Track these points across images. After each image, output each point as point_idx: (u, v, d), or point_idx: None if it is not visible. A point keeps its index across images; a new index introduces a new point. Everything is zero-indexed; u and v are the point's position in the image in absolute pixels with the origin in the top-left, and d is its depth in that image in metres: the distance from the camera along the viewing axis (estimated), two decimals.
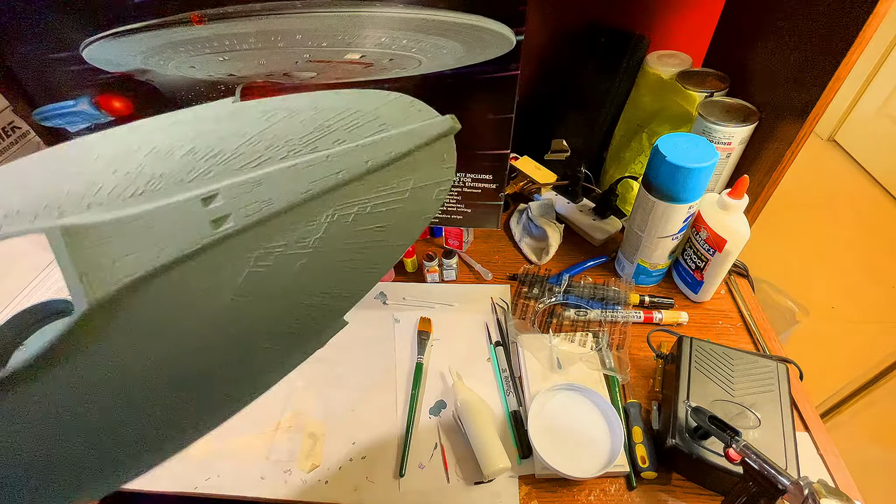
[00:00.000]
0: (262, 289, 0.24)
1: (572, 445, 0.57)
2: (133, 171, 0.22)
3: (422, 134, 0.25)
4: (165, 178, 0.22)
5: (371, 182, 0.25)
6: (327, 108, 0.25)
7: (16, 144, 0.69)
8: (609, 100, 0.84)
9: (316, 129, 0.24)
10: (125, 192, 0.21)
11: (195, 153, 0.22)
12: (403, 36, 0.51)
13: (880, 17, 0.50)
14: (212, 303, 0.23)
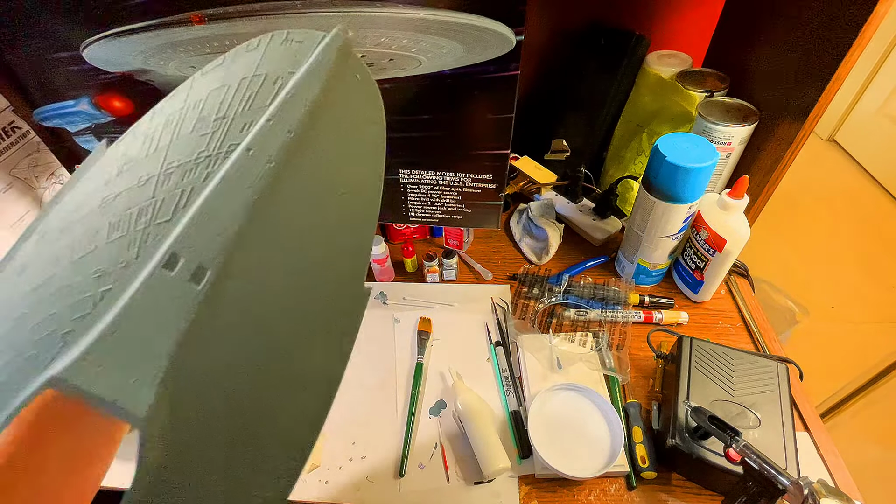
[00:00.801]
0: (273, 308, 0.21)
1: (572, 445, 0.57)
2: (71, 283, 0.19)
3: (322, 64, 0.21)
4: (110, 271, 0.18)
5: (306, 147, 0.21)
6: (206, 96, 0.21)
7: (16, 144, 0.69)
8: (609, 100, 0.84)
9: (212, 126, 0.21)
10: (83, 310, 0.18)
11: (119, 227, 0.19)
12: (403, 36, 0.51)
13: (880, 17, 0.50)
14: (239, 342, 0.20)
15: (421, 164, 0.65)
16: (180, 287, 0.18)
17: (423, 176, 0.66)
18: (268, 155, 0.20)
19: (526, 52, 0.51)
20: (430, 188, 0.67)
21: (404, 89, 0.56)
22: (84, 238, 0.19)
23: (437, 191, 0.68)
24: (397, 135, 0.62)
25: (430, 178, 0.66)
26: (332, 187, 0.23)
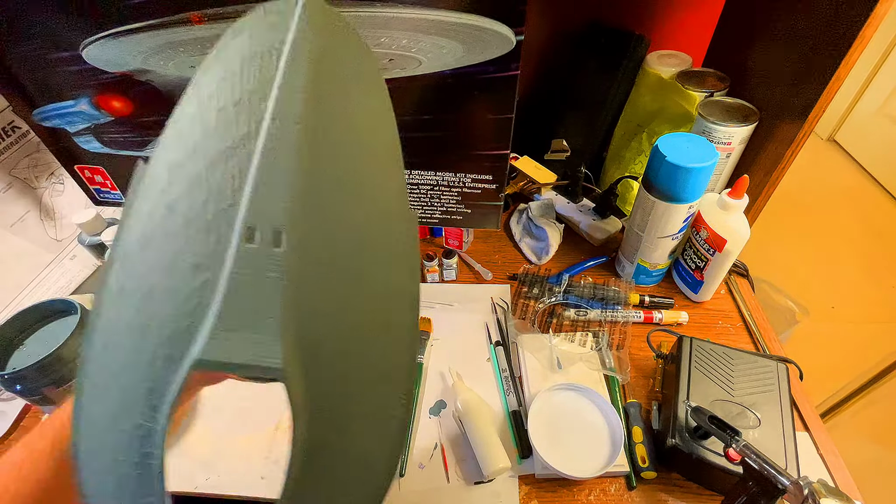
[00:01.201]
0: (348, 244, 0.23)
1: (572, 445, 0.57)
2: (173, 285, 0.21)
3: (305, 23, 0.23)
4: (201, 262, 0.21)
5: (321, 99, 0.23)
6: (215, 89, 0.23)
7: (16, 144, 0.69)
8: (609, 100, 0.84)
9: (233, 112, 0.22)
10: (193, 301, 0.20)
11: (193, 224, 0.21)
12: (403, 36, 0.51)
13: (880, 17, 0.50)
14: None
15: (421, 164, 0.65)
16: (265, 253, 0.20)
17: (423, 176, 0.66)
18: (293, 117, 0.22)
19: (526, 52, 0.51)
20: (430, 188, 0.67)
21: (404, 89, 0.56)
22: (166, 243, 0.21)
23: (437, 191, 0.68)
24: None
25: (430, 179, 0.66)
26: (356, 128, 0.25)
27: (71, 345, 0.52)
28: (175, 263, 0.21)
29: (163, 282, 0.21)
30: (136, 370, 0.21)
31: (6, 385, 0.51)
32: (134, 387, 0.20)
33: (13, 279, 0.71)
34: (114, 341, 0.21)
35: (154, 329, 0.21)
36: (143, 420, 0.20)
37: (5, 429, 0.64)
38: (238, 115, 0.22)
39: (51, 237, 0.75)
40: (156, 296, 0.21)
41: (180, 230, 0.21)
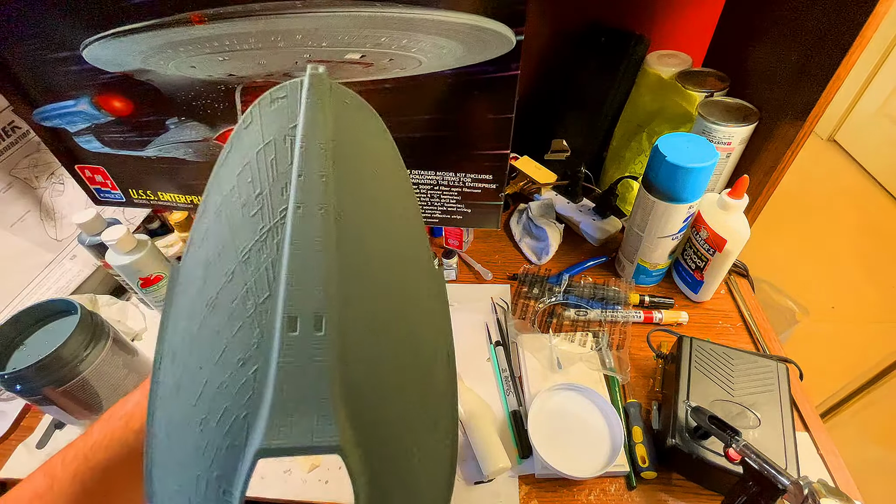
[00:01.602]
0: (385, 311, 0.25)
1: (572, 445, 0.57)
2: (224, 379, 0.22)
3: (314, 105, 0.24)
4: (248, 356, 0.22)
5: (341, 181, 0.24)
6: (236, 182, 0.24)
7: (16, 144, 0.69)
8: (609, 100, 0.84)
9: (257, 204, 0.23)
10: (246, 393, 0.21)
11: (236, 318, 0.22)
12: (403, 36, 0.51)
13: (880, 17, 0.50)
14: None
15: (421, 164, 0.64)
16: (308, 339, 0.21)
17: (423, 176, 0.66)
18: (316, 202, 0.22)
19: (526, 52, 0.51)
20: (430, 188, 0.67)
21: (404, 89, 0.56)
22: (212, 339, 0.22)
23: (437, 191, 0.68)
24: (397, 135, 0.62)
25: (430, 178, 0.66)
26: (378, 200, 0.26)
27: (71, 345, 0.52)
28: (224, 358, 0.22)
29: (215, 377, 0.22)
30: (204, 459, 0.21)
31: (6, 385, 0.51)
32: (204, 475, 0.21)
33: (13, 279, 0.71)
34: (177, 434, 0.22)
35: (213, 422, 0.21)
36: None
37: (5, 429, 0.64)
38: (262, 207, 0.23)
39: (51, 237, 0.75)
40: (210, 391, 0.22)
41: (224, 326, 0.22)
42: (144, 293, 0.69)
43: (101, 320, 0.58)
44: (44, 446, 0.63)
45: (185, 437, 0.22)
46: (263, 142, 0.23)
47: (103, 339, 0.57)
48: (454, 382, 0.29)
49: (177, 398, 0.23)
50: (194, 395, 0.22)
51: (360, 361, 0.23)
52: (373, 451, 0.22)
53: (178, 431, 0.22)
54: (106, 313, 0.74)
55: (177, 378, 0.23)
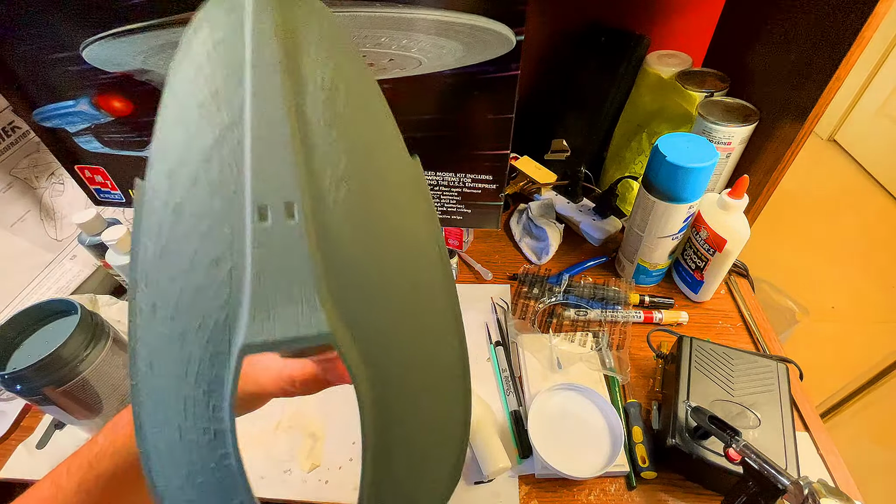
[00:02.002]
0: (372, 211, 0.24)
1: (572, 445, 0.57)
2: (199, 283, 0.21)
3: (260, 3, 0.23)
4: (220, 254, 0.21)
5: (295, 69, 0.23)
6: (190, 87, 0.23)
7: (16, 144, 0.69)
8: (609, 100, 0.84)
9: (213, 103, 0.22)
10: (225, 293, 0.21)
11: (202, 216, 0.21)
12: (403, 36, 0.51)
13: (880, 17, 0.50)
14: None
15: (421, 164, 0.65)
16: (281, 227, 0.20)
17: None
18: (273, 91, 0.22)
19: (526, 52, 0.51)
20: (430, 188, 0.67)
21: (404, 89, 0.56)
22: (182, 247, 0.21)
23: (437, 191, 0.68)
24: None
25: (430, 178, 0.66)
26: (338, 87, 0.24)
27: (71, 345, 0.52)
28: (195, 263, 0.21)
29: (189, 284, 0.21)
30: (187, 378, 0.21)
31: (6, 385, 0.51)
32: (190, 395, 0.21)
33: (13, 279, 0.71)
34: (158, 360, 0.21)
35: (192, 333, 0.21)
36: (208, 424, 0.20)
37: (5, 429, 0.64)
38: (218, 105, 0.22)
39: (51, 237, 0.75)
40: (185, 300, 0.21)
41: (192, 230, 0.21)
42: None
43: (101, 320, 0.58)
44: (44, 446, 0.63)
45: (166, 359, 0.21)
46: (213, 41, 0.22)
47: (103, 339, 0.57)
48: (454, 294, 0.27)
49: (154, 319, 0.21)
50: (170, 309, 0.21)
51: (340, 250, 0.21)
52: (370, 352, 0.21)
53: (159, 356, 0.21)
54: (106, 313, 0.74)
55: (152, 299, 0.22)
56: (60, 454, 0.62)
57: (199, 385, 0.20)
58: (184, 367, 0.21)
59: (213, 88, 0.22)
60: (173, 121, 0.23)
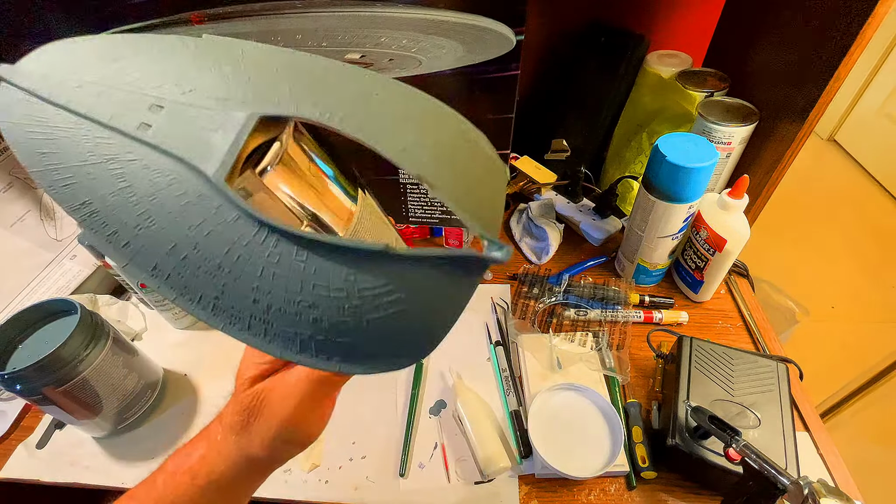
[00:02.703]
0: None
1: (572, 445, 0.57)
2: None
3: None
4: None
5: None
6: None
7: None
8: (609, 100, 0.84)
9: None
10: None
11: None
12: (403, 36, 0.51)
13: (880, 17, 0.50)
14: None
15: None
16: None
17: None
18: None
19: (526, 52, 0.51)
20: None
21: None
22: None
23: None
24: None
25: None
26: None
27: (71, 345, 0.52)
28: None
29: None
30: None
31: (6, 385, 0.51)
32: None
33: (13, 279, 0.71)
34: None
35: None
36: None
37: (5, 429, 0.64)
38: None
39: (51, 237, 0.75)
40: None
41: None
42: (144, 293, 0.69)
43: (101, 320, 0.58)
44: (44, 446, 0.63)
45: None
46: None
47: (103, 339, 0.57)
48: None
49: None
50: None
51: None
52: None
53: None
54: (106, 313, 0.74)
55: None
56: (60, 454, 0.62)
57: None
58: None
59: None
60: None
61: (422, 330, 0.17)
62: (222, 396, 0.67)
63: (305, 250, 0.17)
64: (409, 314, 0.17)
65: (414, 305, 0.17)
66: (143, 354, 0.64)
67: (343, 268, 0.16)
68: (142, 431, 0.63)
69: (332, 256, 0.16)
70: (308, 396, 0.26)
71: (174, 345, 0.73)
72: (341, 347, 0.17)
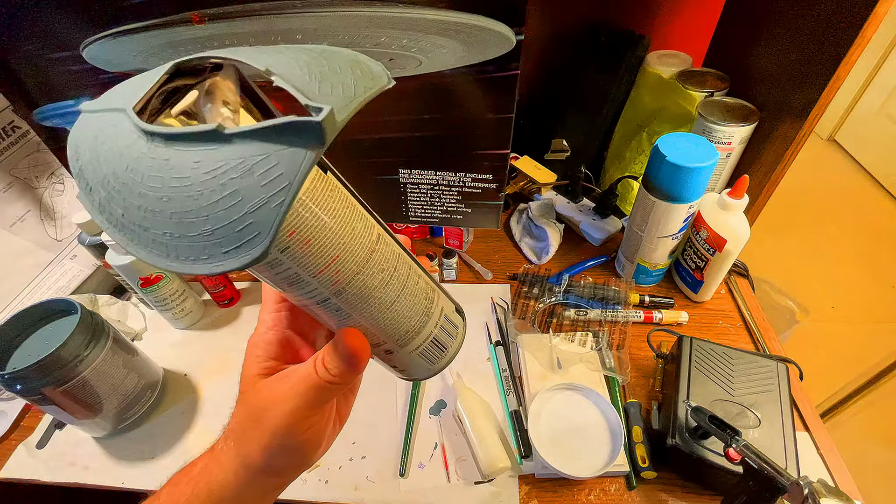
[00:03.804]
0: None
1: (572, 445, 0.57)
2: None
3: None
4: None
5: None
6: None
7: (16, 144, 0.69)
8: (609, 100, 0.84)
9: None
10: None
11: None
12: (403, 36, 0.51)
13: (880, 18, 0.50)
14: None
15: (421, 163, 0.65)
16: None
17: (423, 176, 0.66)
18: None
19: (526, 52, 0.51)
20: (430, 188, 0.67)
21: (404, 89, 0.56)
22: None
23: (437, 191, 0.68)
24: (397, 134, 0.62)
25: (430, 178, 0.66)
26: None
27: (71, 345, 0.52)
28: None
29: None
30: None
31: (6, 385, 0.51)
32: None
33: (13, 279, 0.71)
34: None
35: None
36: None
37: (5, 429, 0.64)
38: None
39: (51, 237, 0.76)
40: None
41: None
42: (144, 293, 0.69)
43: (101, 320, 0.58)
44: (44, 446, 0.63)
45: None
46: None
47: (103, 339, 0.57)
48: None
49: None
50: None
51: None
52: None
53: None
54: (106, 313, 0.74)
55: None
56: (60, 454, 0.62)
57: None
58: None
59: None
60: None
61: (260, 208, 0.17)
62: (222, 396, 0.67)
63: (168, 146, 0.17)
64: (243, 192, 0.17)
65: (249, 183, 0.17)
66: (143, 354, 0.64)
67: (189, 154, 0.17)
68: (142, 431, 0.63)
69: (183, 145, 0.17)
70: (302, 402, 0.25)
71: (174, 345, 0.73)
72: (197, 242, 0.18)
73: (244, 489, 0.27)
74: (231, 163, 0.17)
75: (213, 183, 0.17)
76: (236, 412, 0.27)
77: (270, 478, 0.28)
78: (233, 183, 0.17)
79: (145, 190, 0.18)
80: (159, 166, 0.17)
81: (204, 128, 0.17)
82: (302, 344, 0.29)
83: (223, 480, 0.27)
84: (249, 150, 0.17)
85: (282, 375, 0.27)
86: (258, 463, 0.26)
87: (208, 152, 0.17)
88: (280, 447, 0.26)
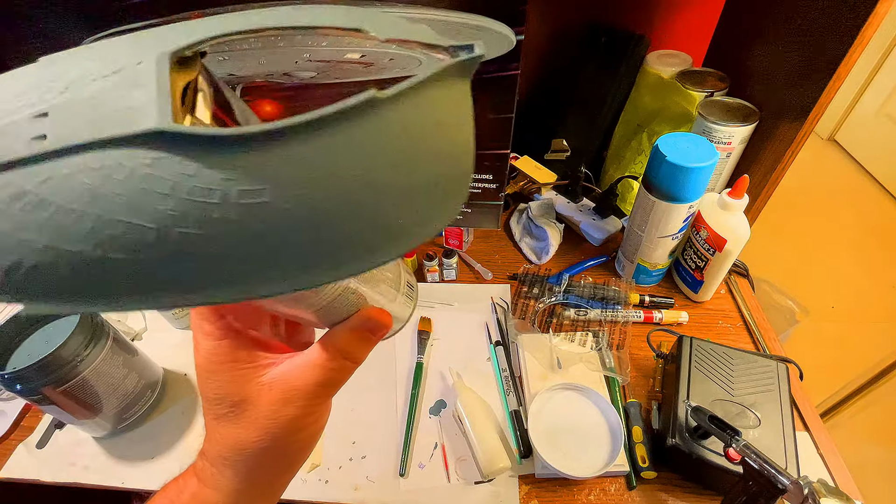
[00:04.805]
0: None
1: (572, 445, 0.57)
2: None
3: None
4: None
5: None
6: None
7: None
8: (609, 100, 0.84)
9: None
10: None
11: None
12: None
13: (880, 17, 0.50)
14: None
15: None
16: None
17: None
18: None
19: (526, 51, 0.51)
20: None
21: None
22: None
23: None
24: None
25: None
26: None
27: (71, 345, 0.52)
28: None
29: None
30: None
31: (6, 385, 0.51)
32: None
33: None
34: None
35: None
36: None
37: (5, 429, 0.64)
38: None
39: None
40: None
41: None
42: None
43: (101, 320, 0.58)
44: (44, 446, 0.63)
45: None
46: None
47: (103, 338, 0.57)
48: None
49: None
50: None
51: None
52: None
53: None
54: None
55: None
56: (60, 454, 0.62)
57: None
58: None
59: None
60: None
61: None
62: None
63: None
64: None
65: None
66: (143, 354, 0.64)
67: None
68: (142, 431, 0.63)
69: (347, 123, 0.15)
70: (311, 394, 0.26)
71: (174, 345, 0.73)
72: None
73: (241, 480, 0.26)
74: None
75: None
76: (233, 430, 0.26)
77: (275, 460, 0.28)
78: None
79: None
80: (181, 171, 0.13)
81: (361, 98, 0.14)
82: (258, 337, 0.28)
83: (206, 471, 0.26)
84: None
85: (280, 375, 0.26)
86: (255, 438, 0.26)
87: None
88: (281, 448, 0.26)
